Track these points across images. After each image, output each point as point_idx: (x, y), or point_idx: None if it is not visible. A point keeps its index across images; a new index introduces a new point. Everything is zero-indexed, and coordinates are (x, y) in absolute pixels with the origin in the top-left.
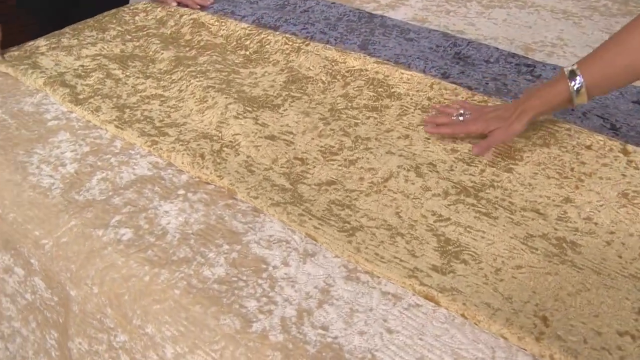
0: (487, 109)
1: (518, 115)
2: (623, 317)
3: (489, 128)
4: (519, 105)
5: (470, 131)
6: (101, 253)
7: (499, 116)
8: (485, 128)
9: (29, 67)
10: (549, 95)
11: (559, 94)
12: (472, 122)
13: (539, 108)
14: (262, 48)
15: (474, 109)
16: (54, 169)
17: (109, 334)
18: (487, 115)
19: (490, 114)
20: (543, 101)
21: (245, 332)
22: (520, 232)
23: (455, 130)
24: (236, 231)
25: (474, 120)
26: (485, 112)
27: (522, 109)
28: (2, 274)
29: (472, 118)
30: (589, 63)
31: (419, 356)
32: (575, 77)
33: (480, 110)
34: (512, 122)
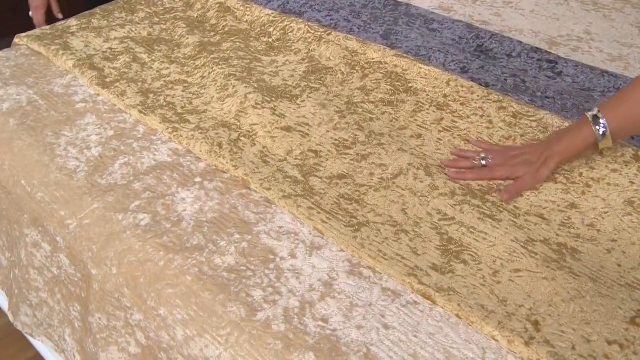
0: (511, 152)
1: (544, 160)
2: (614, 326)
3: (516, 174)
4: (544, 150)
5: (496, 177)
6: (120, 236)
7: (525, 161)
8: (511, 174)
9: (60, 47)
10: (574, 140)
11: (585, 139)
12: (498, 167)
13: (564, 154)
14: (285, 36)
15: (496, 152)
16: (79, 151)
17: (126, 312)
18: (513, 161)
19: (516, 160)
20: (568, 146)
21: (250, 320)
22: (521, 236)
23: (481, 177)
24: (248, 221)
25: (500, 166)
26: (510, 156)
27: (548, 155)
28: (31, 247)
29: (497, 163)
30: (613, 107)
31: (412, 352)
32: (599, 122)
33: (503, 153)
34: (539, 167)
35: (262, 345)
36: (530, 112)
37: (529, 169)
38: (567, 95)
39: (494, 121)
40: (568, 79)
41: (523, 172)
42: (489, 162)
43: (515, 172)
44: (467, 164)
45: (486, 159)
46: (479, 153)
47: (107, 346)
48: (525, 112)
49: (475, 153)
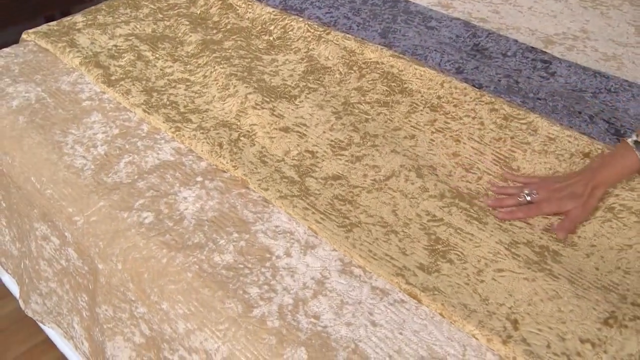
0: (555, 185)
1: (591, 191)
2: (588, 325)
3: (564, 208)
4: (589, 179)
5: (545, 213)
6: (125, 234)
7: (571, 194)
8: (559, 208)
9: (66, 45)
10: (618, 168)
11: (630, 166)
12: (544, 203)
13: (609, 182)
14: (285, 34)
15: (538, 186)
16: (86, 150)
17: (131, 305)
18: (559, 194)
19: (561, 193)
20: (613, 173)
21: (247, 316)
22: (506, 238)
23: (530, 214)
24: (246, 220)
25: (547, 202)
26: (555, 189)
27: (593, 185)
28: (40, 240)
29: (543, 198)
30: None
31: (396, 349)
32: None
33: (546, 186)
34: (586, 199)
35: (258, 340)
36: (521, 114)
37: (577, 202)
38: (558, 96)
39: (485, 123)
40: (561, 79)
41: (571, 205)
42: (533, 197)
43: (564, 206)
44: (513, 201)
45: (530, 194)
46: (521, 189)
47: (113, 336)
48: (516, 115)
49: (518, 189)
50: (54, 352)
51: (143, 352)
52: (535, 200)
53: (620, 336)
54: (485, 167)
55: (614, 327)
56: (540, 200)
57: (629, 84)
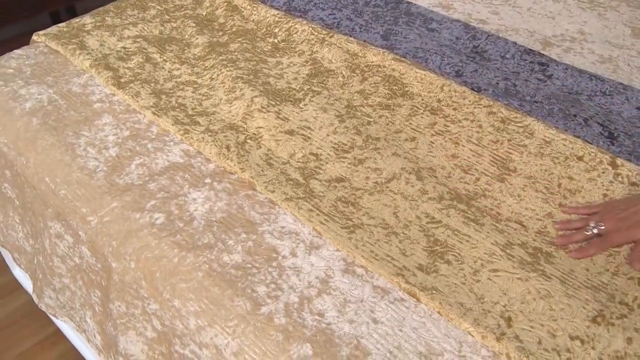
0: (620, 214)
1: None
2: (577, 323)
3: (634, 237)
4: None
5: (615, 245)
6: (138, 234)
7: (638, 223)
8: (629, 238)
9: (77, 47)
10: None
11: None
12: (614, 234)
13: None
14: (290, 37)
15: (603, 217)
16: (98, 152)
17: (143, 302)
18: (627, 223)
19: (629, 222)
20: None
21: (255, 313)
22: (501, 240)
23: (602, 249)
24: (253, 221)
25: (616, 232)
26: (621, 218)
27: None
28: (54, 238)
29: (611, 229)
30: None
31: (396, 345)
32: None
33: (611, 216)
34: None
35: (265, 336)
36: (518, 117)
37: None
38: (554, 99)
39: (484, 125)
40: (557, 82)
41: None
42: (601, 229)
43: (633, 235)
44: (581, 237)
45: (597, 227)
46: (587, 222)
47: (126, 330)
48: (513, 118)
49: (583, 222)
50: (65, 344)
51: (155, 346)
52: (603, 233)
53: (608, 333)
54: (482, 169)
55: (602, 324)
56: (608, 232)
57: (624, 87)
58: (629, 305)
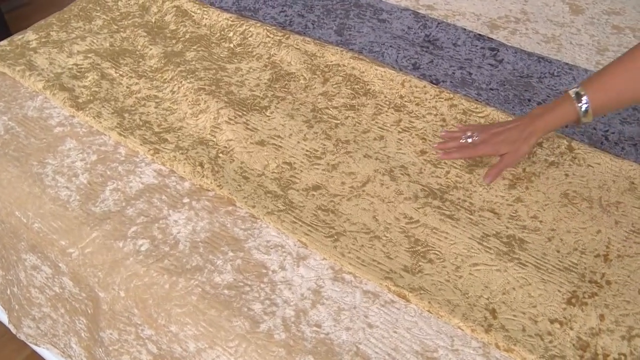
0: (495, 130)
1: (525, 137)
2: (554, 307)
3: (499, 152)
4: (526, 127)
5: (480, 155)
6: (124, 263)
7: (507, 139)
8: (494, 152)
9: (25, 68)
10: (556, 116)
11: (567, 115)
12: (481, 145)
13: (545, 130)
14: (245, 41)
15: (481, 130)
16: (68, 180)
17: (137, 328)
18: (496, 139)
19: (499, 137)
20: (550, 122)
21: (254, 332)
22: (477, 232)
23: (465, 155)
24: (238, 238)
25: (484, 144)
26: (493, 133)
27: (529, 131)
28: (30, 270)
29: (481, 141)
30: (595, 85)
31: (393, 347)
32: (582, 99)
33: (487, 131)
34: (519, 145)
35: (268, 353)
36: (478, 108)
37: (511, 147)
38: (508, 85)
39: (447, 119)
40: (509, 66)
41: (505, 149)
42: (474, 140)
43: (498, 150)
44: (455, 143)
45: (472, 137)
46: (465, 132)
47: (119, 356)
48: (474, 109)
49: (462, 132)
50: None
51: None
52: (475, 143)
53: (582, 313)
54: (451, 162)
55: (576, 305)
56: (478, 143)
57: (569, 67)
58: (598, 282)
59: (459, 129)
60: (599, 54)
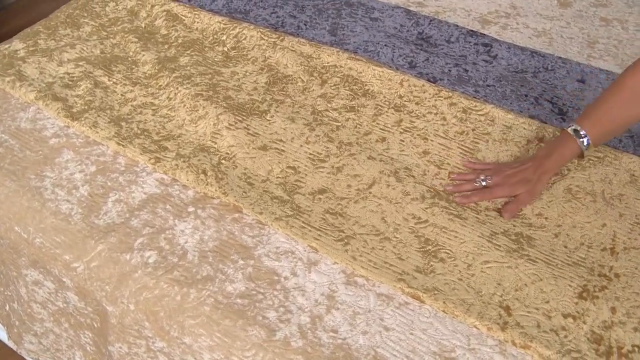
0: (508, 172)
1: (539, 176)
2: (566, 301)
3: (515, 193)
4: (537, 168)
5: (498, 197)
6: (132, 276)
7: (522, 180)
8: (511, 193)
9: (15, 78)
10: (563, 155)
11: (571, 152)
12: (498, 188)
13: (555, 168)
14: (239, 44)
15: (493, 172)
16: (68, 192)
17: (147, 340)
18: (511, 180)
19: (513, 179)
20: (558, 161)
21: (271, 340)
22: (485, 230)
23: (483, 198)
24: (247, 245)
25: (500, 187)
26: (507, 175)
27: (542, 171)
28: (32, 285)
29: (496, 183)
30: (591, 120)
31: (411, 349)
32: (581, 134)
33: (500, 173)
34: (535, 184)
35: None
36: (478, 106)
37: (526, 186)
38: (504, 81)
39: (447, 117)
40: (503, 61)
41: (522, 190)
42: (488, 182)
43: (515, 190)
44: (469, 187)
45: (485, 180)
46: (478, 175)
47: None
48: (474, 107)
49: (475, 175)
50: None
51: None
52: (490, 185)
53: (594, 307)
54: (454, 163)
55: (588, 299)
56: (494, 185)
57: (563, 61)
58: (607, 276)
59: (470, 171)
60: (589, 46)
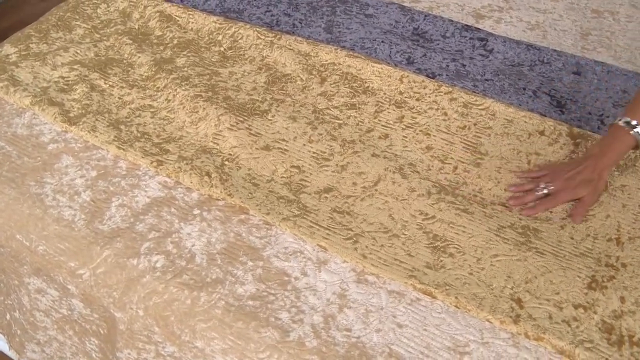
0: (566, 175)
1: (599, 174)
2: (576, 292)
3: (579, 195)
4: (595, 165)
5: (562, 203)
6: (141, 281)
7: (583, 181)
8: (574, 196)
9: (9, 83)
10: (619, 149)
11: (626, 145)
12: (561, 194)
13: (613, 164)
14: (236, 43)
15: (551, 177)
16: (70, 198)
17: (157, 346)
18: (572, 183)
19: (574, 182)
20: (614, 156)
21: (285, 341)
22: (493, 225)
23: (550, 206)
24: (255, 247)
25: (563, 192)
26: (566, 179)
27: (600, 168)
28: (34, 294)
29: (559, 189)
30: (636, 108)
31: (425, 345)
32: (632, 125)
33: (559, 178)
34: (596, 183)
35: None
36: (478, 100)
37: (588, 187)
38: (502, 74)
39: (449, 113)
40: (499, 55)
41: (585, 192)
42: (550, 189)
43: (578, 193)
44: (532, 197)
45: (547, 187)
46: (537, 183)
47: None
48: (474, 101)
49: (533, 184)
50: None
51: None
52: (552, 192)
53: (604, 296)
54: (458, 157)
55: (597, 289)
56: (556, 192)
57: (558, 54)
58: (614, 265)
59: (526, 181)
60: (583, 38)
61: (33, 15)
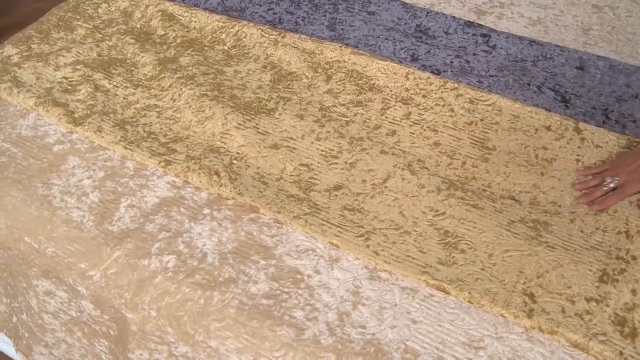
0: (628, 167)
1: None
2: (588, 285)
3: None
4: None
5: (630, 194)
6: (152, 282)
7: None
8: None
9: (12, 85)
10: None
11: None
12: (628, 186)
13: None
14: (239, 42)
15: (614, 171)
16: (78, 200)
17: (170, 346)
18: (637, 174)
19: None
20: None
21: (300, 339)
22: (503, 219)
23: (618, 199)
24: (267, 245)
25: (630, 183)
26: (631, 170)
27: None
28: (43, 296)
29: (625, 181)
30: None
31: (440, 340)
32: None
33: (620, 169)
34: None
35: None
36: (484, 96)
37: None
38: (506, 70)
39: (455, 109)
40: (502, 51)
41: None
42: (616, 183)
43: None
44: (600, 192)
45: (613, 181)
46: (602, 178)
47: None
48: (480, 97)
49: (598, 180)
50: None
51: None
52: (618, 185)
53: (615, 289)
54: (466, 152)
55: (608, 282)
56: (623, 184)
57: (560, 49)
58: (624, 258)
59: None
60: (584, 34)
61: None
